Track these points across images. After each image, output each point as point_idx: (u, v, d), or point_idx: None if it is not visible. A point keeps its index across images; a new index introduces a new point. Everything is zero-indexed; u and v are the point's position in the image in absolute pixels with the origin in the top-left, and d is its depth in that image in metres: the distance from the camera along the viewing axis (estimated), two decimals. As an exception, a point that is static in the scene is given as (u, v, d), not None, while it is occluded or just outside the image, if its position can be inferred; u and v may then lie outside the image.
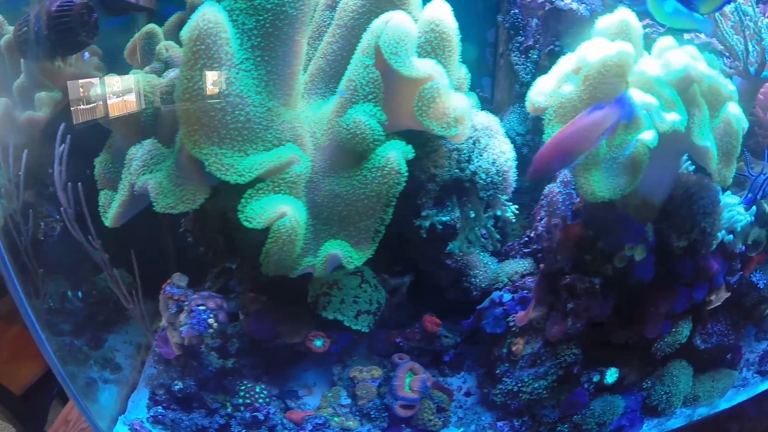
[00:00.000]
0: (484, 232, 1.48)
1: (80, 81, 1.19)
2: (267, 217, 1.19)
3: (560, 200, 1.48)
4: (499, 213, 1.43)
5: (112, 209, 1.27)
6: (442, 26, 1.36)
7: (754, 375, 1.94)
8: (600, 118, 1.14)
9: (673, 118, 1.18)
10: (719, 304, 1.72)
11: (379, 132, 1.27)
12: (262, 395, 1.40)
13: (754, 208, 1.73)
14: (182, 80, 1.16)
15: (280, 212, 1.20)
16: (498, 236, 1.49)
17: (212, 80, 1.17)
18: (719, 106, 1.31)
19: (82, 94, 1.20)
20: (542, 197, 1.55)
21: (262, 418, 1.38)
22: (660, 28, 1.80)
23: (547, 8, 1.68)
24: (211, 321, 1.26)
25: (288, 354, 1.47)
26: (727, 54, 1.67)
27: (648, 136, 1.18)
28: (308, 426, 1.42)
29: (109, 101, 1.25)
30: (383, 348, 1.56)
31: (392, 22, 1.26)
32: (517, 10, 1.76)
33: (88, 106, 1.20)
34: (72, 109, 1.16)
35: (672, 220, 1.40)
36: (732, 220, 1.63)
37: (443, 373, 1.65)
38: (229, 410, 1.37)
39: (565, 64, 1.27)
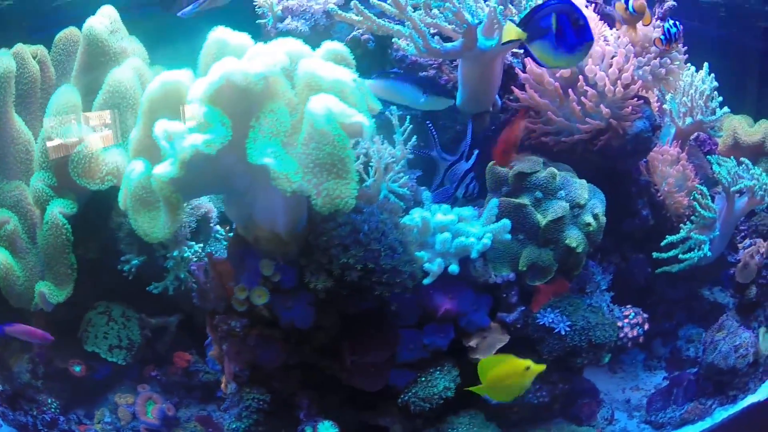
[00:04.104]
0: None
1: None
2: (-14, 260, 1.42)
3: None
4: (175, 253, 1.36)
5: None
6: (116, 86, 1.41)
7: (642, 426, 1.40)
8: None
9: (192, 141, 0.97)
10: (493, 349, 1.26)
11: (47, 193, 1.39)
12: (52, 406, 1.62)
13: (498, 226, 1.21)
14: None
15: (-8, 258, 1.42)
16: (183, 274, 1.41)
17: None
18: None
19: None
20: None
21: (49, 420, 1.60)
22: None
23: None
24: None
25: (96, 383, 1.65)
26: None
27: (161, 169, 0.99)
28: (85, 435, 1.59)
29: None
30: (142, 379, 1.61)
31: (53, 96, 1.38)
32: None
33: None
34: None
35: (311, 255, 1.12)
36: (449, 244, 1.17)
37: (222, 408, 1.60)
38: (35, 413, 1.64)
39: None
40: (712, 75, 1.75)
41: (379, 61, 1.41)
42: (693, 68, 1.76)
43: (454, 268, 1.18)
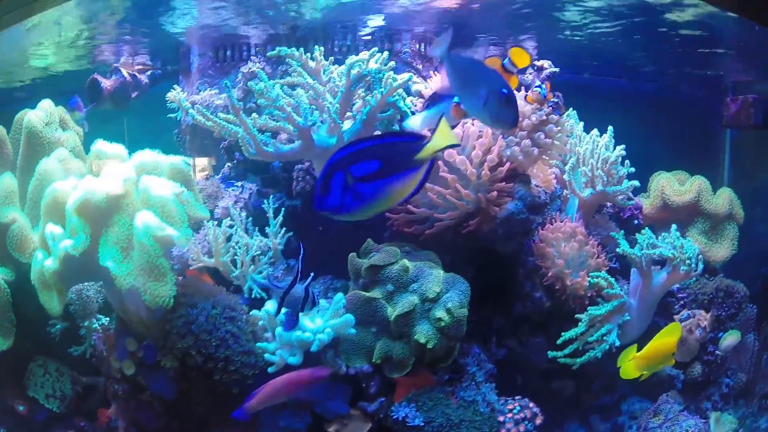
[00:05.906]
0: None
1: None
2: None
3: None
4: (86, 323, 1.65)
5: None
6: (42, 175, 1.73)
7: None
8: None
9: (64, 244, 1.32)
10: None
11: (-9, 263, 1.74)
12: (12, 434, 2.01)
13: (339, 322, 1.31)
14: None
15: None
16: (92, 343, 1.70)
17: None
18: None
19: None
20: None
21: (13, 441, 1.99)
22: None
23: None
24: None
25: (38, 423, 1.98)
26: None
27: (48, 263, 1.34)
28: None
29: None
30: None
31: (-2, 181, 1.73)
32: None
33: None
34: None
35: (165, 339, 1.37)
36: (285, 338, 1.36)
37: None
38: (-1, 433, 2.04)
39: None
40: (622, 145, 1.68)
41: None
42: (596, 134, 1.71)
43: (292, 360, 1.36)
